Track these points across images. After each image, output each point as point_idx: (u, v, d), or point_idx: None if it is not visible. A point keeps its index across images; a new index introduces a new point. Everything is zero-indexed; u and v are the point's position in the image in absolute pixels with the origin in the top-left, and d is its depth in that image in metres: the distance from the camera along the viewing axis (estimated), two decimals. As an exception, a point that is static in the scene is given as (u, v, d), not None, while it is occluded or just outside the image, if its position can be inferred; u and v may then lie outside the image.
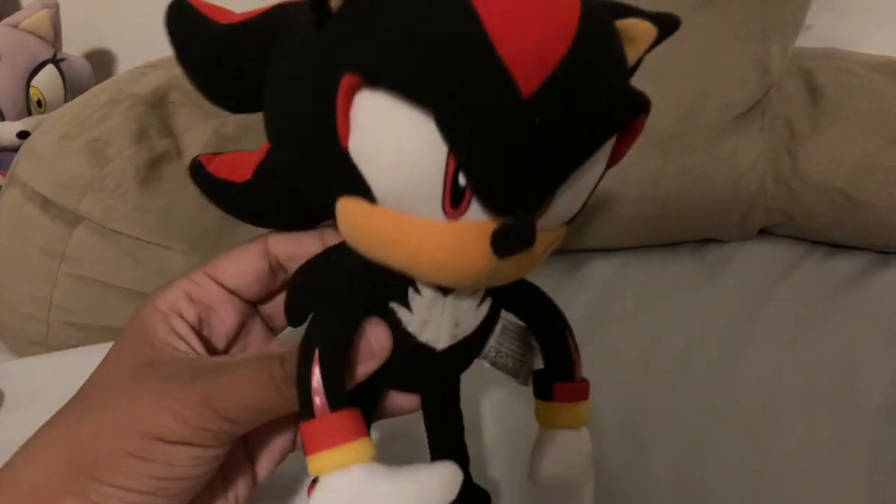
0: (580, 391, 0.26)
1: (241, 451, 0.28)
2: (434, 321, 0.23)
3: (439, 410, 0.27)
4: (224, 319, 0.27)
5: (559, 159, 0.18)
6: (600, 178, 0.21)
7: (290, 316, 0.26)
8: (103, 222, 0.47)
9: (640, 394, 0.44)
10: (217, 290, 0.27)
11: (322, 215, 0.26)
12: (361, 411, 0.24)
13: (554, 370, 0.26)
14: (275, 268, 0.27)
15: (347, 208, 0.20)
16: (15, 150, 0.58)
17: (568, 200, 0.20)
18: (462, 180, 0.18)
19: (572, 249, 0.55)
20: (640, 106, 0.18)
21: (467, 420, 0.28)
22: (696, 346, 0.47)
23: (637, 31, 0.20)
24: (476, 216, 0.18)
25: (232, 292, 0.27)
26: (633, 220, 0.52)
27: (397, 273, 0.20)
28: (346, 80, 0.17)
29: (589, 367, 0.45)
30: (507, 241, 0.18)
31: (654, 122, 0.49)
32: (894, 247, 0.53)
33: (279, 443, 0.28)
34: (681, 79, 0.49)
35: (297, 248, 0.27)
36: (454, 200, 0.18)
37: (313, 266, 0.25)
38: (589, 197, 0.21)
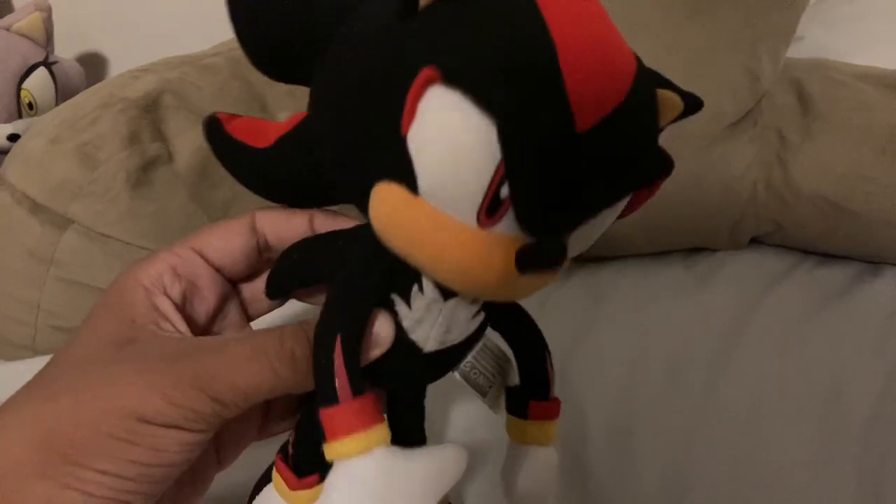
0: (553, 410, 0.28)
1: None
2: (428, 322, 0.23)
3: (404, 399, 0.28)
4: (206, 298, 0.27)
5: (594, 195, 0.19)
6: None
7: (273, 288, 0.26)
8: (93, 226, 0.47)
9: (629, 402, 0.44)
10: (202, 266, 0.26)
11: (328, 199, 0.26)
12: None
13: (531, 388, 0.27)
14: (262, 246, 0.27)
15: (387, 194, 0.20)
16: (5, 152, 0.57)
17: (583, 237, 0.21)
18: (504, 192, 0.18)
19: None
20: (669, 165, 0.20)
21: (433, 431, 0.29)
22: (685, 355, 0.47)
23: (668, 102, 0.21)
24: (505, 230, 0.19)
25: (217, 269, 0.27)
26: (624, 228, 0.52)
27: (406, 267, 0.21)
28: (425, 73, 0.18)
29: (579, 374, 0.45)
30: (536, 260, 0.19)
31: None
32: (883, 257, 0.53)
33: (247, 430, 0.28)
34: (672, 88, 0.49)
35: (287, 229, 0.26)
36: (491, 209, 0.19)
37: (315, 247, 0.25)
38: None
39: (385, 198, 0.20)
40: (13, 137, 0.64)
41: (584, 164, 0.18)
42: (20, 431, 0.21)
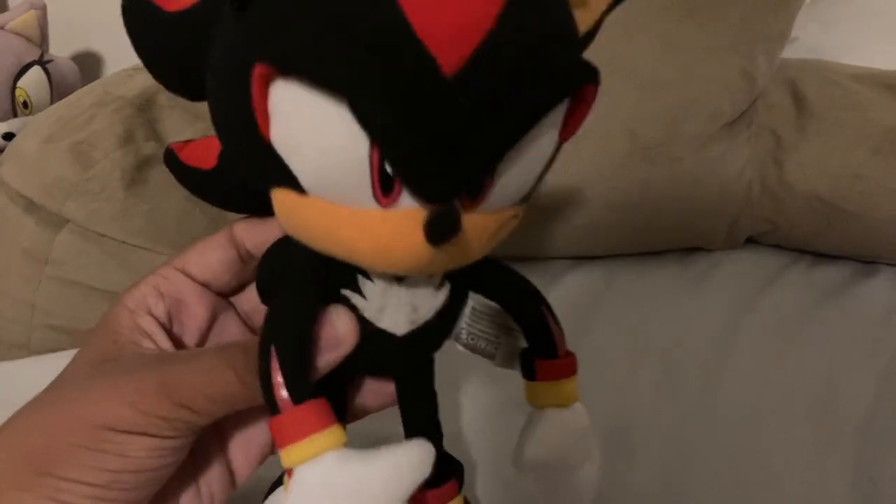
0: (564, 367, 0.25)
1: (215, 449, 0.27)
2: (391, 308, 0.23)
3: (412, 386, 0.27)
4: (195, 314, 0.27)
5: (490, 140, 0.17)
6: (555, 153, 0.19)
7: (262, 295, 0.26)
8: (88, 225, 0.47)
9: (624, 402, 0.44)
10: (187, 283, 0.27)
11: None
12: (334, 400, 0.24)
13: (535, 348, 0.26)
14: (244, 256, 0.27)
15: (279, 199, 0.19)
16: (0, 151, 0.57)
17: (513, 179, 0.18)
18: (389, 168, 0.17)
19: (560, 256, 0.55)
20: (577, 79, 0.17)
21: (444, 401, 0.28)
22: (681, 354, 0.47)
23: None
24: (410, 202, 0.18)
25: (203, 285, 0.27)
26: (620, 227, 0.52)
27: (343, 262, 0.20)
28: (258, 70, 0.16)
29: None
30: (439, 231, 0.17)
31: (642, 130, 0.50)
32: (878, 257, 0.53)
33: (256, 442, 0.28)
34: (668, 87, 0.49)
35: (262, 235, 0.26)
36: (384, 188, 0.17)
37: (275, 250, 0.25)
38: (543, 174, 0.20)
39: (278, 203, 0.19)
40: (8, 136, 0.64)
41: (468, 109, 0.16)
42: (4, 445, 0.22)
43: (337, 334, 0.22)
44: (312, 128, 0.16)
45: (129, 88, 0.51)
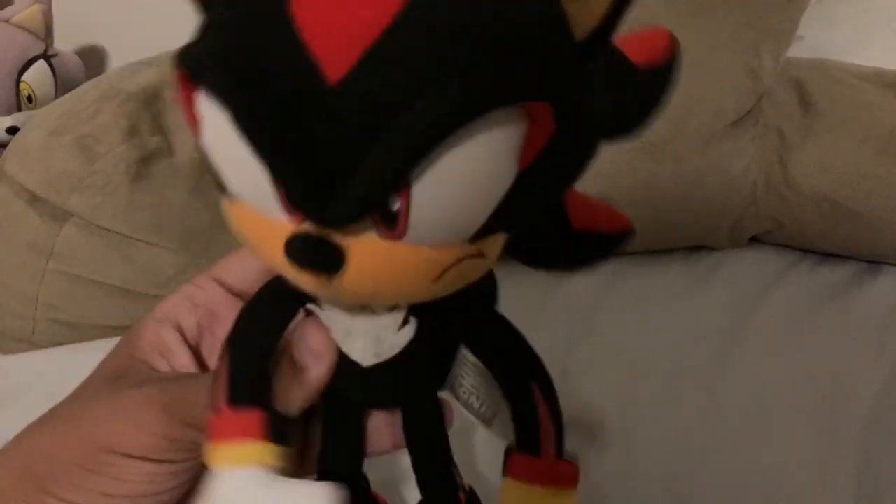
0: (548, 473, 0.20)
1: None
2: (354, 334, 0.21)
3: (417, 430, 0.24)
4: (228, 324, 0.27)
5: (383, 159, 0.14)
6: (518, 184, 0.15)
7: None
8: (92, 219, 0.47)
9: (629, 400, 0.44)
10: (221, 293, 0.27)
11: None
12: (351, 438, 0.24)
13: (517, 434, 0.20)
14: None
15: (225, 208, 0.18)
16: (4, 145, 0.57)
17: (441, 210, 0.15)
18: None
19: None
20: (503, 94, 0.14)
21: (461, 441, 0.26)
22: (685, 354, 0.47)
23: None
24: None
25: (238, 295, 0.27)
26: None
27: None
28: (177, 74, 0.15)
29: (579, 374, 0.45)
30: (299, 254, 0.16)
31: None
32: (883, 256, 0.53)
33: None
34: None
35: None
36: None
37: None
38: (496, 207, 0.15)
39: (225, 213, 0.18)
40: (12, 130, 0.64)
41: (350, 123, 0.14)
42: (9, 460, 0.23)
43: (311, 348, 0.22)
44: (221, 136, 0.15)
45: (134, 82, 0.51)
